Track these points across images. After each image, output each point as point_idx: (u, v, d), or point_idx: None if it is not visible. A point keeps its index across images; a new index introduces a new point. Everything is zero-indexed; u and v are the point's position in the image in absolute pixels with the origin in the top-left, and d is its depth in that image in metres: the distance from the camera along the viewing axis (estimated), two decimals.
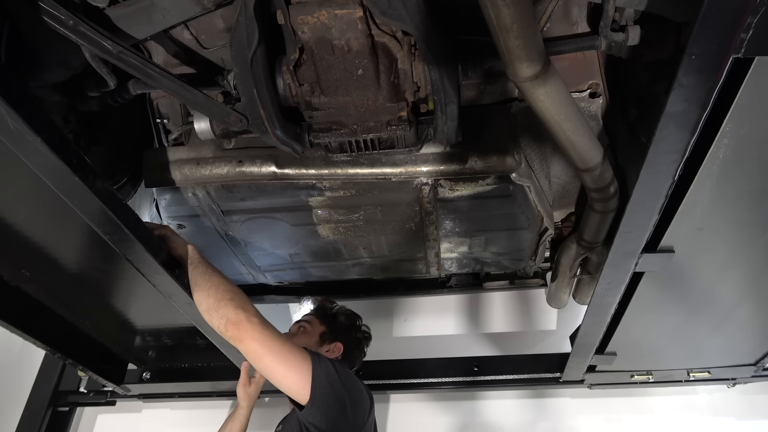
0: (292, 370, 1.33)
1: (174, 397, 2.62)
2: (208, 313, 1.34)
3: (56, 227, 1.50)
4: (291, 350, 1.34)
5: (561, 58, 1.38)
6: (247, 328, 1.27)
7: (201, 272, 1.40)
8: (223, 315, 1.29)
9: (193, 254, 1.46)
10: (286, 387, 1.37)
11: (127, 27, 1.20)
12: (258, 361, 1.31)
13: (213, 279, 1.37)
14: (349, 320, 2.01)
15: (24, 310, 1.81)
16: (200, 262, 1.43)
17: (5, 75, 0.97)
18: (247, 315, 1.29)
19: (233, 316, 1.28)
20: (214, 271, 1.41)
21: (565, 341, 2.05)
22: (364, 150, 1.43)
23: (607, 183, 1.50)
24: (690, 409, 2.52)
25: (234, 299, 1.31)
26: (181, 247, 1.47)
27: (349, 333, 1.95)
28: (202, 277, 1.38)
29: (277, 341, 1.31)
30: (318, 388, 1.36)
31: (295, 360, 1.34)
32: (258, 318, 1.31)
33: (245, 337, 1.27)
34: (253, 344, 1.28)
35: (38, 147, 1.02)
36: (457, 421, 2.60)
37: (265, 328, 1.30)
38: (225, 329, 1.29)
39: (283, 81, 1.27)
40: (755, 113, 0.99)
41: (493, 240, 1.97)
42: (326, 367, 1.41)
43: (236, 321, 1.28)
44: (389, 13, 1.09)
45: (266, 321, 1.33)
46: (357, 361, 1.99)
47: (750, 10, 0.79)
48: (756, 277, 1.55)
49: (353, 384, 1.54)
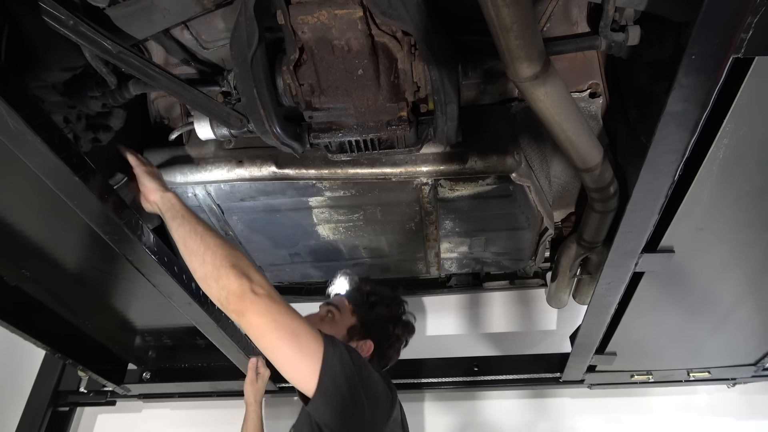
0: (301, 352, 1.12)
1: (174, 397, 2.62)
2: (204, 282, 1.16)
3: (56, 227, 1.50)
4: (302, 328, 1.13)
5: (561, 58, 1.39)
6: (252, 300, 1.10)
7: (189, 231, 1.20)
8: (224, 286, 1.12)
9: (175, 205, 1.25)
10: (291, 372, 1.16)
11: (127, 27, 1.20)
12: (261, 339, 1.12)
13: (207, 240, 1.18)
14: (389, 311, 1.59)
15: (24, 310, 1.81)
16: (186, 217, 1.23)
17: (5, 75, 0.97)
18: (252, 285, 1.11)
19: (236, 287, 1.10)
20: (206, 229, 1.21)
21: (565, 341, 2.05)
22: (364, 150, 1.43)
23: (607, 183, 1.50)
24: (690, 409, 2.52)
25: (236, 266, 1.13)
26: (156, 194, 1.27)
27: (385, 328, 1.56)
28: (192, 238, 1.19)
29: (286, 316, 1.12)
30: (328, 377, 1.13)
31: (305, 340, 1.13)
32: (265, 288, 1.13)
33: (249, 310, 1.10)
34: (258, 319, 1.10)
35: (38, 147, 1.02)
36: (457, 421, 2.61)
37: (273, 301, 1.12)
38: (226, 302, 1.12)
39: (283, 81, 1.27)
40: (755, 113, 0.99)
41: (493, 240, 1.97)
42: (341, 352, 1.18)
43: (240, 293, 1.10)
44: (389, 13, 1.09)
45: (274, 291, 1.15)
46: (390, 362, 1.61)
47: (750, 10, 0.79)
48: (756, 277, 1.54)
49: (371, 375, 1.26)
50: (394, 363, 1.62)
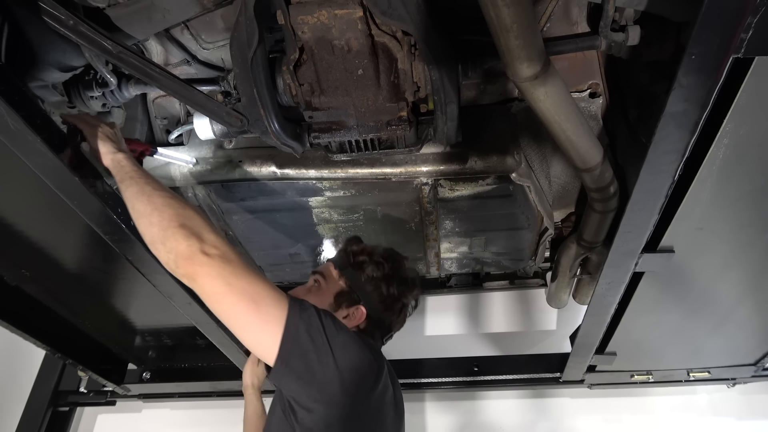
0: (260, 318, 0.99)
1: (174, 397, 2.62)
2: (153, 246, 1.04)
3: (56, 227, 1.50)
4: (262, 291, 1.00)
5: (561, 58, 1.39)
6: (203, 263, 0.98)
7: (137, 192, 1.08)
8: (171, 248, 1.00)
9: (125, 167, 1.14)
10: (250, 340, 1.04)
11: (127, 27, 1.20)
12: (215, 305, 1.00)
13: (155, 200, 1.06)
14: (381, 270, 1.35)
15: (24, 310, 1.81)
16: (134, 177, 1.11)
17: (5, 75, 0.98)
18: (203, 245, 0.99)
19: (184, 248, 0.98)
20: (156, 189, 1.09)
21: (565, 341, 2.05)
22: (364, 150, 1.43)
23: (607, 183, 1.50)
24: (690, 409, 2.52)
25: (185, 225, 1.01)
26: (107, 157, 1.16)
27: (378, 290, 1.33)
28: (139, 199, 1.07)
29: (242, 279, 0.99)
30: (291, 343, 1.00)
31: (265, 305, 1.00)
32: (218, 248, 1.00)
33: (199, 274, 0.98)
34: (210, 283, 0.98)
35: (38, 147, 1.02)
36: (457, 421, 2.60)
37: (227, 262, 0.99)
38: (175, 266, 1.00)
39: (283, 81, 1.27)
40: (755, 113, 0.99)
41: (493, 240, 1.97)
42: (309, 317, 1.04)
43: (188, 254, 0.98)
44: (389, 13, 1.09)
45: (231, 252, 1.02)
46: (394, 327, 1.40)
47: (750, 10, 0.79)
48: (756, 277, 1.55)
49: (348, 343, 1.09)
50: (400, 327, 1.42)
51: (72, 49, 1.21)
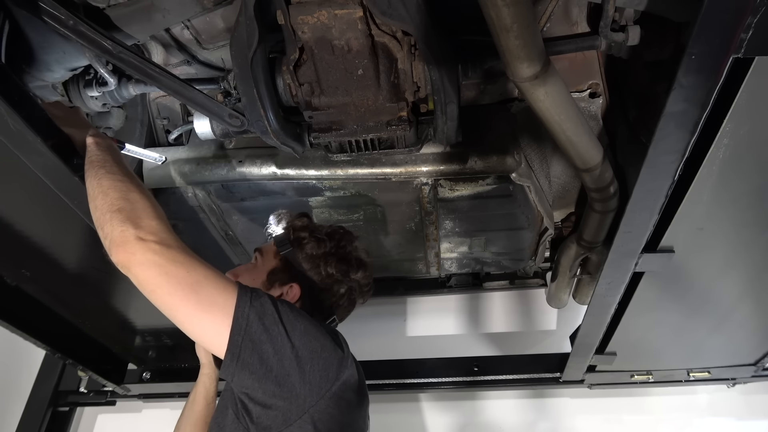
0: (202, 308, 0.92)
1: (174, 397, 2.61)
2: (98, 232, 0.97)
3: (56, 227, 1.50)
4: (204, 279, 0.93)
5: (561, 58, 1.39)
6: (136, 251, 0.90)
7: (91, 175, 1.01)
8: (107, 234, 0.93)
9: (89, 151, 1.06)
10: (195, 332, 0.97)
11: (127, 27, 1.20)
12: (152, 295, 0.93)
13: (103, 182, 0.98)
14: (322, 247, 1.24)
15: (24, 310, 1.81)
16: (93, 161, 1.04)
17: (5, 75, 0.97)
18: (138, 231, 0.91)
19: (118, 234, 0.91)
20: (108, 171, 1.01)
21: (565, 341, 2.05)
22: (364, 150, 1.43)
23: (607, 183, 1.50)
24: (690, 409, 2.52)
25: (123, 209, 0.93)
26: (77, 141, 1.09)
27: (316, 268, 1.23)
28: (90, 182, 1.01)
29: (181, 266, 0.91)
30: (241, 335, 0.92)
31: (207, 293, 0.92)
32: (155, 235, 0.92)
33: (132, 262, 0.90)
34: (144, 272, 0.90)
35: (38, 147, 1.02)
36: (457, 421, 2.60)
37: (165, 249, 0.91)
38: (109, 253, 0.93)
39: (283, 81, 1.27)
40: (755, 113, 0.99)
41: (493, 240, 1.97)
42: (261, 305, 0.96)
43: (121, 240, 0.90)
44: (389, 13, 1.09)
45: (171, 238, 0.94)
46: (334, 309, 1.27)
47: (750, 10, 0.79)
48: (756, 276, 1.54)
49: (308, 330, 1.01)
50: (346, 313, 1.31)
51: (72, 49, 1.21)
